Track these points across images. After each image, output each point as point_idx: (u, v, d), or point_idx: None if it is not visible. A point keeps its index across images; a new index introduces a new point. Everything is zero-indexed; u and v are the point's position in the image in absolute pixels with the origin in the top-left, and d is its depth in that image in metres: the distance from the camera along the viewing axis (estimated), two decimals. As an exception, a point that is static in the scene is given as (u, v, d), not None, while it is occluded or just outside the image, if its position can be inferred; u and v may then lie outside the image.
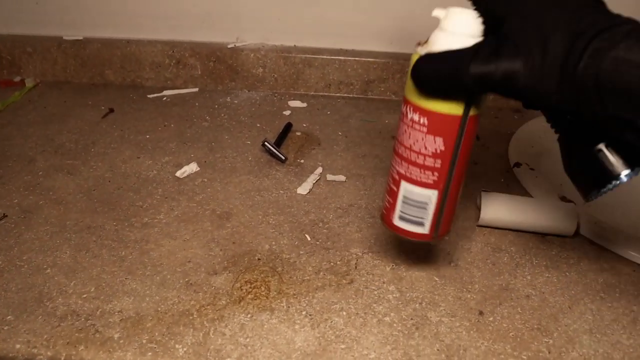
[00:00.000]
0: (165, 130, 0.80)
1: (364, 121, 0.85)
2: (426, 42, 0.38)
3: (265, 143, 0.73)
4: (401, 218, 0.44)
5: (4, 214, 0.60)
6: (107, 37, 0.93)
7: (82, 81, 0.95)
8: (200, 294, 0.50)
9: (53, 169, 0.69)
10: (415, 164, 0.41)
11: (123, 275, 0.52)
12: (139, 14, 0.91)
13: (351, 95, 0.93)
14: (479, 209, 0.60)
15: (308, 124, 0.83)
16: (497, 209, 0.59)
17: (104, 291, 0.50)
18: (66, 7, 0.92)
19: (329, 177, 0.69)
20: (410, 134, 0.41)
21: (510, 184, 0.69)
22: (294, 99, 0.91)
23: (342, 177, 0.69)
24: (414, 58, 0.38)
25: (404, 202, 0.43)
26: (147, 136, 0.78)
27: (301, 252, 0.55)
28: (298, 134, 0.80)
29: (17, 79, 0.94)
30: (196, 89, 0.93)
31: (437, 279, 0.52)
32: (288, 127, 0.81)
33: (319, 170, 0.70)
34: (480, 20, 0.37)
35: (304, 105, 0.89)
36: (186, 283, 0.51)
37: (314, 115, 0.86)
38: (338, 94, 0.93)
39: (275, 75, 0.92)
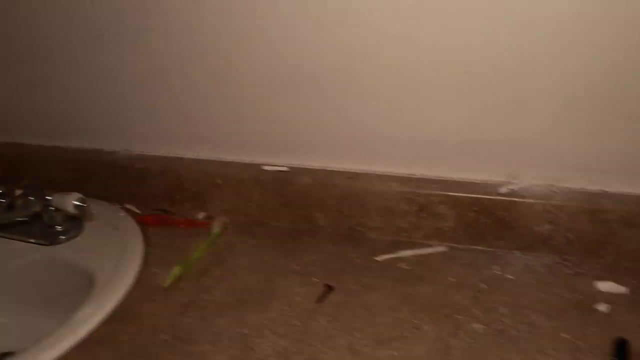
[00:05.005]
0: (418, 339, 0.50)
1: None
2: None
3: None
4: None
5: None
6: (319, 167, 0.68)
7: (282, 224, 0.69)
8: None
9: None
10: None
11: None
12: (366, 141, 0.64)
13: None
14: None
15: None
16: None
17: None
18: (265, 131, 0.68)
19: None
20: None
21: None
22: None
23: None
24: None
25: None
26: (394, 353, 0.48)
27: None
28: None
29: (200, 216, 0.72)
30: (443, 248, 0.63)
31: None
32: (621, 346, 0.47)
33: None
34: None
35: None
36: None
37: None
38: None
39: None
